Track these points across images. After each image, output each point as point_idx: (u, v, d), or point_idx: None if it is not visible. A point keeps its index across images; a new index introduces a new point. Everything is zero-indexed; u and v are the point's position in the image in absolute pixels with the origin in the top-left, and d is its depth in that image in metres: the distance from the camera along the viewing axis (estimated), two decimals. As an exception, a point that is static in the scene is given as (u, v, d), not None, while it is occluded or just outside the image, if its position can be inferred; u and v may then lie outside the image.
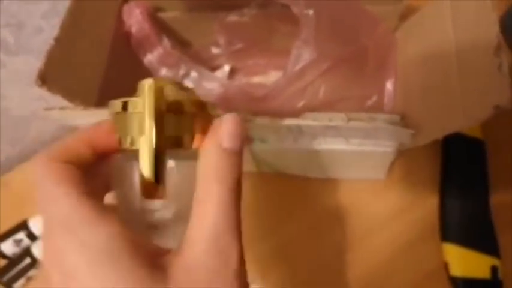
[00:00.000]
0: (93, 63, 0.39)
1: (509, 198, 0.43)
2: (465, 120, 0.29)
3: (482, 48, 0.29)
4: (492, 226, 0.42)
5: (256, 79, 0.52)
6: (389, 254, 0.43)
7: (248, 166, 0.46)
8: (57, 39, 0.34)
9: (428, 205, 0.45)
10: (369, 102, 0.41)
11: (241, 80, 0.52)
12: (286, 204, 0.47)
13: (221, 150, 0.20)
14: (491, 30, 0.28)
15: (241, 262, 0.20)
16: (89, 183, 0.20)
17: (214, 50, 0.51)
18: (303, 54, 0.37)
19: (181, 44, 0.49)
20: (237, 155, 0.21)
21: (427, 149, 0.46)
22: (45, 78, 0.32)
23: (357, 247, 0.44)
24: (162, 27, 0.46)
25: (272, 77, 0.52)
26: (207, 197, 0.20)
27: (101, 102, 0.37)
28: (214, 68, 0.53)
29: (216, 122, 0.21)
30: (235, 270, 0.19)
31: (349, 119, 0.31)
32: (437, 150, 0.47)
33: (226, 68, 0.53)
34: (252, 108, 0.40)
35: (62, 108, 0.34)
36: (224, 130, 0.21)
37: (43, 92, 0.32)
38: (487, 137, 0.45)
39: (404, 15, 0.43)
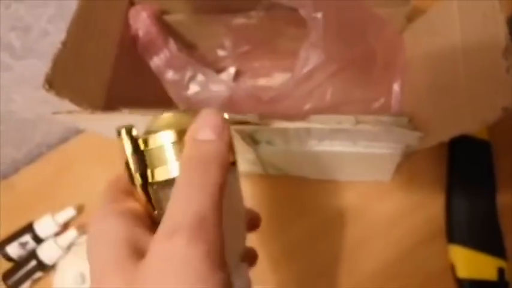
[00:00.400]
0: (100, 67, 0.39)
1: (516, 200, 0.43)
2: (472, 122, 0.29)
3: (490, 49, 0.29)
4: (499, 228, 0.42)
5: (262, 81, 0.52)
6: (395, 254, 0.43)
7: (255, 168, 0.46)
8: (64, 43, 0.34)
9: (434, 206, 0.45)
10: (376, 104, 0.41)
11: (246, 82, 0.52)
12: (293, 206, 0.47)
13: (193, 141, 0.22)
14: (499, 32, 0.28)
15: (196, 243, 0.18)
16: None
17: (220, 53, 0.51)
18: (311, 57, 0.37)
19: (188, 46, 0.49)
20: (208, 143, 0.22)
21: (433, 151, 0.46)
22: (53, 83, 0.32)
23: (363, 247, 0.44)
24: (168, 30, 0.46)
25: (277, 79, 0.52)
26: (176, 183, 0.20)
27: (108, 105, 0.37)
28: (220, 70, 0.53)
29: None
30: (185, 253, 0.18)
31: (358, 122, 0.31)
32: (444, 152, 0.47)
33: (232, 70, 0.53)
34: (259, 110, 0.40)
35: (69, 112, 0.34)
36: (197, 124, 0.22)
37: (49, 95, 0.32)
38: (493, 138, 0.45)
39: (412, 17, 0.43)
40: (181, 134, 0.22)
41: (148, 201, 0.23)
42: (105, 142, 0.31)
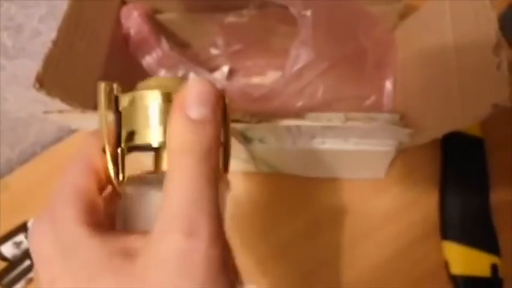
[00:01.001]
0: (91, 66, 0.39)
1: (509, 197, 0.43)
2: (464, 119, 0.29)
3: (481, 47, 0.29)
4: (492, 224, 0.42)
5: (255, 80, 0.52)
6: (389, 252, 0.43)
7: (247, 166, 0.46)
8: (55, 42, 0.34)
9: (428, 203, 0.45)
10: (368, 102, 0.41)
11: (239, 80, 0.52)
12: (285, 204, 0.47)
13: (186, 120, 0.18)
14: (491, 29, 0.28)
15: (215, 246, 0.17)
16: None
17: (213, 51, 0.51)
18: (301, 55, 0.37)
19: (180, 45, 0.49)
20: (205, 124, 0.19)
21: (426, 148, 0.46)
22: (43, 82, 0.32)
23: (356, 246, 0.44)
24: (160, 29, 0.46)
25: (270, 77, 0.51)
26: (174, 173, 0.18)
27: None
28: (213, 69, 0.52)
29: (183, 89, 0.19)
30: (206, 255, 0.17)
31: (348, 119, 0.31)
32: (437, 149, 0.47)
33: (225, 68, 0.53)
34: (251, 108, 0.40)
35: (60, 111, 0.34)
36: (189, 97, 0.19)
37: (42, 95, 0.32)
38: (486, 135, 0.46)
39: (403, 15, 0.43)
40: (168, 97, 0.20)
41: (115, 166, 0.20)
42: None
